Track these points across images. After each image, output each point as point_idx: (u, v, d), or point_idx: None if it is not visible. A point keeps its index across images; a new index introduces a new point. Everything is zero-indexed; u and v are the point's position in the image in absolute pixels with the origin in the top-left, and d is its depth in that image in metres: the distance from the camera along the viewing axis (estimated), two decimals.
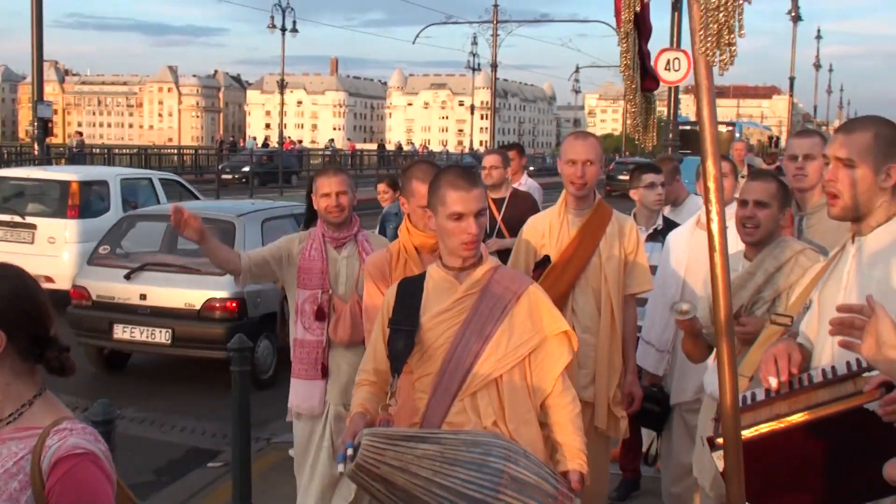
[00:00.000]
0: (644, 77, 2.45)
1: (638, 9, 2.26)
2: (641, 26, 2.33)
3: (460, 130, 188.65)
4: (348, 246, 4.80)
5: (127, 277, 8.67)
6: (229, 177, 35.15)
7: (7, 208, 11.71)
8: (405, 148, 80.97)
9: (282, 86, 45.05)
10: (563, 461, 3.15)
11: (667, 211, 6.35)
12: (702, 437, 3.74)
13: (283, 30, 40.68)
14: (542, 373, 3.22)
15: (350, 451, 2.77)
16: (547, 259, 4.53)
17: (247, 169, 36.36)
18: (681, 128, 33.92)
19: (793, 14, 44.49)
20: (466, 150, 74.92)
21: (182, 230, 4.47)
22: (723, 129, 35.63)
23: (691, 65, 15.88)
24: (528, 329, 3.20)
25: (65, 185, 11.71)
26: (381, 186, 9.16)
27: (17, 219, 11.48)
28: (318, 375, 4.72)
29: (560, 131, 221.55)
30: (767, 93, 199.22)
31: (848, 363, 2.72)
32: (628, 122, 2.66)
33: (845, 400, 2.59)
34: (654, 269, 5.71)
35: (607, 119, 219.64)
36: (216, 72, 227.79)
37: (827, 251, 4.00)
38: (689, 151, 19.19)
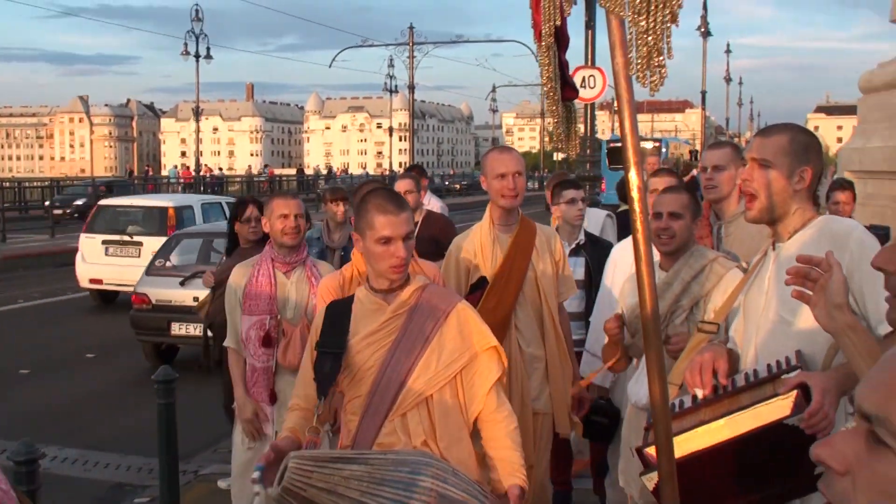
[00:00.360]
0: (564, 87, 2.49)
1: (558, 22, 2.29)
2: (560, 38, 2.36)
3: (379, 153, 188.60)
4: (297, 270, 4.82)
5: (182, 284, 10.37)
6: (60, 212, 31.76)
7: (116, 230, 14.98)
8: (323, 171, 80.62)
9: (197, 113, 44.43)
10: (502, 477, 3.15)
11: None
12: (630, 448, 3.79)
13: (198, 56, 40.19)
14: (473, 389, 3.23)
15: (257, 475, 2.77)
16: (483, 280, 4.55)
17: (81, 202, 33.70)
18: (612, 145, 34.57)
19: (702, 30, 45.55)
20: (387, 172, 74.92)
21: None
22: (651, 144, 37.19)
23: (606, 81, 16.21)
24: (458, 347, 3.20)
25: (163, 210, 14.90)
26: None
27: (126, 238, 14.75)
28: (266, 401, 4.70)
29: (479, 150, 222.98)
30: (680, 107, 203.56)
31: (769, 366, 2.80)
32: (551, 132, 2.71)
33: (764, 402, 2.66)
34: (578, 283, 5.78)
35: (525, 137, 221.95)
36: (129, 101, 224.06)
37: (739, 258, 4.13)
38: (620, 167, 19.59)
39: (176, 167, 69.06)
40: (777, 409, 2.65)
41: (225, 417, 6.71)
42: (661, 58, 1.92)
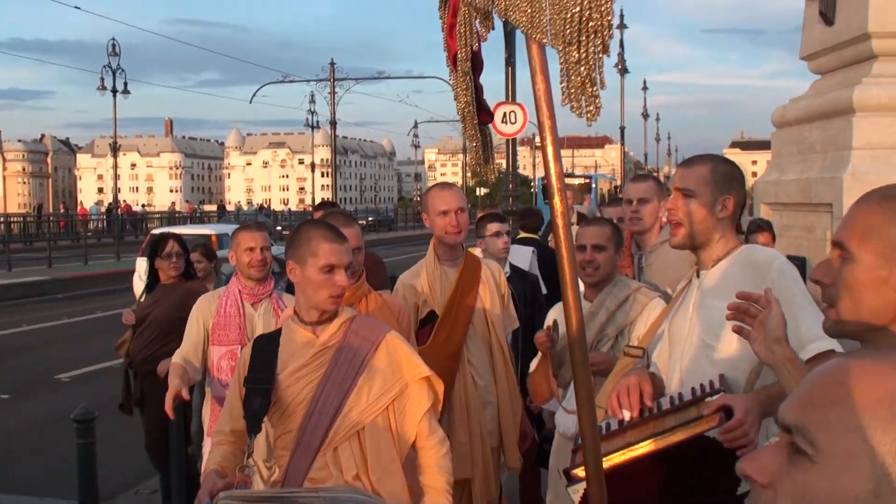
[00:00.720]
0: (479, 112, 2.50)
1: (475, 47, 2.30)
2: (475, 63, 2.37)
3: (301, 188, 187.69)
4: (264, 302, 4.83)
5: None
6: None
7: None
8: (244, 208, 79.91)
9: (114, 148, 43.64)
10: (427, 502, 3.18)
11: None
12: (558, 469, 3.83)
13: (115, 91, 39.58)
14: (405, 420, 3.22)
15: None
16: (433, 314, 4.56)
17: None
18: (547, 181, 35.58)
19: (619, 67, 46.48)
20: (309, 208, 74.49)
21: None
22: (579, 181, 40.31)
23: (527, 117, 16.40)
24: (389, 378, 3.19)
25: (208, 237, 16.27)
26: (195, 256, 7.79)
27: None
28: None
29: (401, 186, 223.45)
30: (600, 142, 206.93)
31: (693, 389, 2.87)
32: (469, 158, 2.71)
33: (689, 425, 2.73)
34: None
35: (447, 172, 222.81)
36: (43, 136, 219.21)
37: (660, 288, 4.22)
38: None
39: (97, 203, 67.93)
40: (700, 428, 2.72)
41: (147, 457, 6.56)
42: (594, 88, 1.93)
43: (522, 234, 8.36)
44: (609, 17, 1.89)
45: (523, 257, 6.89)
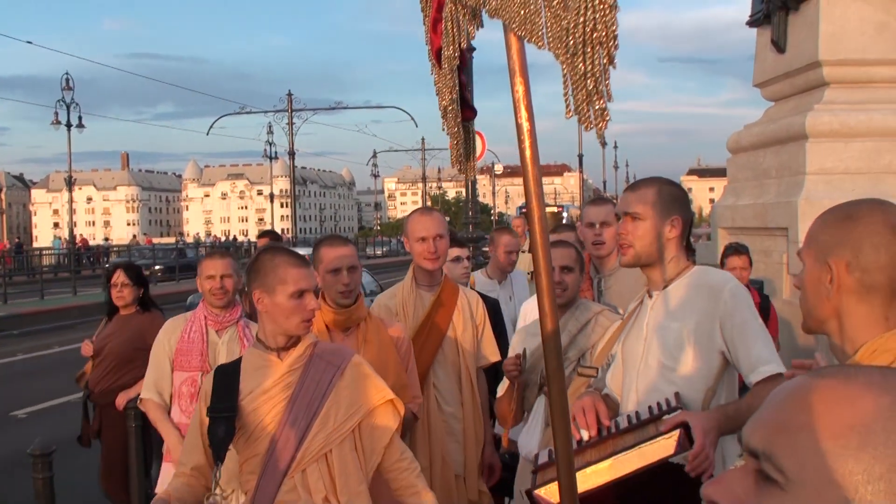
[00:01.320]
0: (463, 108, 2.49)
1: (464, 45, 2.28)
2: (460, 59, 2.36)
3: (261, 219, 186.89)
4: (229, 330, 4.77)
5: None
6: None
7: None
8: (203, 239, 79.33)
9: (69, 183, 43.17)
10: None
11: None
12: (520, 491, 3.84)
13: (69, 126, 39.16)
14: (372, 443, 3.24)
15: None
16: None
17: None
18: (525, 210, 37.21)
19: None
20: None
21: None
22: (554, 209, 45.52)
23: (485, 145, 16.40)
24: (355, 401, 3.21)
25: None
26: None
27: None
28: None
29: (361, 215, 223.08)
30: (559, 170, 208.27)
31: (650, 408, 2.91)
32: (451, 155, 2.69)
33: (648, 442, 2.75)
34: None
35: (407, 202, 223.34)
36: None
37: (619, 311, 4.26)
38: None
39: (59, 238, 67.15)
40: (661, 448, 2.76)
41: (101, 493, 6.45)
42: (602, 101, 1.90)
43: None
44: (614, 28, 1.87)
45: (521, 284, 6.88)
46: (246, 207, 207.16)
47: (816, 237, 2.03)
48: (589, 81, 1.86)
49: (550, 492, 2.83)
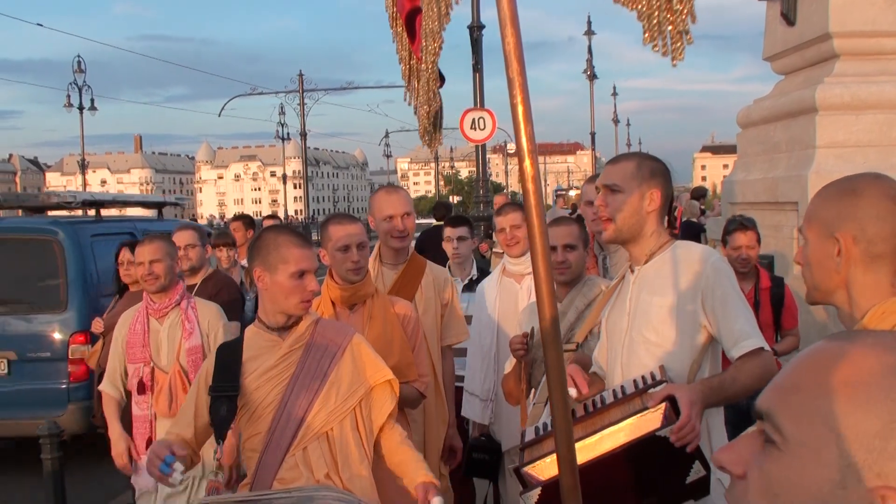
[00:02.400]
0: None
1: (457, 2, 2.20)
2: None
3: (274, 201, 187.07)
4: (171, 315, 4.72)
5: None
6: None
7: None
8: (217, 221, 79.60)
9: (83, 166, 43.32)
10: (409, 480, 3.19)
11: None
12: (509, 468, 3.85)
13: (81, 108, 39.26)
14: (371, 422, 3.26)
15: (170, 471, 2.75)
16: None
17: None
18: (561, 192, 36.79)
19: (588, 73, 46.65)
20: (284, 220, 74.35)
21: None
22: (575, 192, 43.49)
23: (496, 123, 16.38)
24: (355, 380, 3.23)
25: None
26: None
27: None
28: (144, 450, 4.57)
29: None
30: (571, 149, 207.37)
31: (635, 381, 2.93)
32: (419, 126, 2.66)
33: (634, 416, 2.75)
34: (470, 318, 5.80)
35: (420, 182, 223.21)
36: (11, 155, 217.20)
37: None
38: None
39: None
40: (648, 421, 2.77)
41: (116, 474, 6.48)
42: (684, 23, 1.78)
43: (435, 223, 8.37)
44: None
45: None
46: (259, 189, 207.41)
47: (818, 213, 2.10)
48: (675, 2, 1.77)
49: (538, 469, 2.84)
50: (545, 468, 2.82)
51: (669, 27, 1.83)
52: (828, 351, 1.03)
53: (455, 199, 69.79)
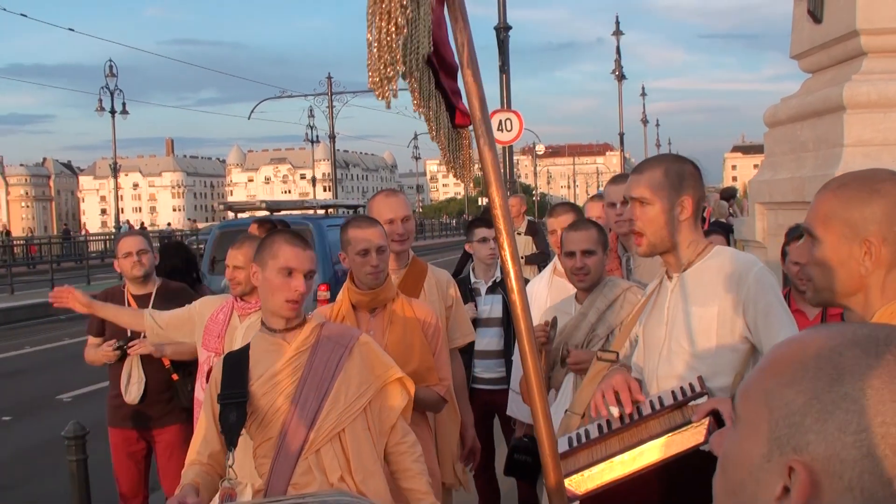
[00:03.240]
0: (453, 114, 2.42)
1: (429, 50, 2.21)
2: (441, 62, 2.29)
3: None
4: (252, 317, 4.69)
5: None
6: None
7: None
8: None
9: (115, 169, 43.76)
10: (408, 486, 3.22)
11: None
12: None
13: (113, 112, 39.64)
14: (381, 421, 3.25)
15: None
16: None
17: None
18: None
19: (617, 74, 46.49)
20: None
21: (66, 305, 4.78)
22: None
23: (523, 124, 16.32)
24: (365, 380, 3.21)
25: None
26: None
27: None
28: None
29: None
30: (601, 150, 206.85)
31: (673, 392, 2.83)
32: (443, 160, 2.64)
33: (677, 430, 2.68)
34: (495, 321, 5.78)
35: (449, 184, 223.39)
36: (45, 159, 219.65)
37: None
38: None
39: (127, 222, 68.64)
40: (691, 436, 2.68)
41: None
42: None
43: None
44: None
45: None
46: (289, 191, 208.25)
47: (839, 213, 2.03)
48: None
49: (575, 482, 2.77)
50: (581, 482, 2.77)
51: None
52: (794, 338, 1.07)
53: (484, 201, 69.66)
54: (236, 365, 3.21)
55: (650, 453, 2.71)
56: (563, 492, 2.26)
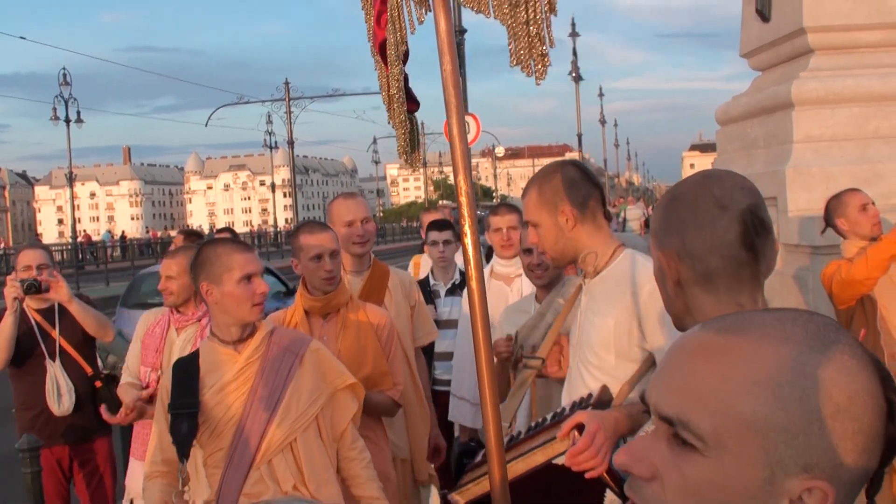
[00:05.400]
0: (408, 99, 2.49)
1: (412, 31, 2.28)
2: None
3: (264, 210, 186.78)
4: (188, 329, 4.66)
5: None
6: None
7: None
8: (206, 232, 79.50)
9: (70, 179, 43.23)
10: (360, 493, 3.22)
11: None
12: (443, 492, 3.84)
13: (68, 121, 39.18)
14: (333, 428, 3.24)
15: None
16: None
17: None
18: None
19: (574, 75, 46.75)
20: (271, 229, 74.22)
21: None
22: None
23: (480, 127, 16.36)
24: (316, 388, 3.20)
25: None
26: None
27: None
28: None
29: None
30: (560, 151, 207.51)
31: (573, 402, 2.82)
32: (397, 146, 2.68)
33: (547, 444, 2.66)
34: (454, 322, 5.80)
35: (410, 188, 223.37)
36: (0, 169, 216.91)
37: None
38: None
39: (109, 231, 67.95)
40: (555, 449, 2.64)
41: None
42: (543, 46, 1.92)
43: None
44: None
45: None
46: (249, 198, 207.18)
47: (651, 226, 1.83)
48: (531, 27, 1.89)
49: (465, 493, 2.81)
50: (465, 493, 2.78)
51: (533, 50, 1.95)
52: (718, 347, 1.02)
53: (442, 203, 69.81)
54: (186, 374, 3.18)
55: (514, 468, 2.66)
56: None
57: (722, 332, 1.04)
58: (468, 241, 2.23)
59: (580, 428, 2.55)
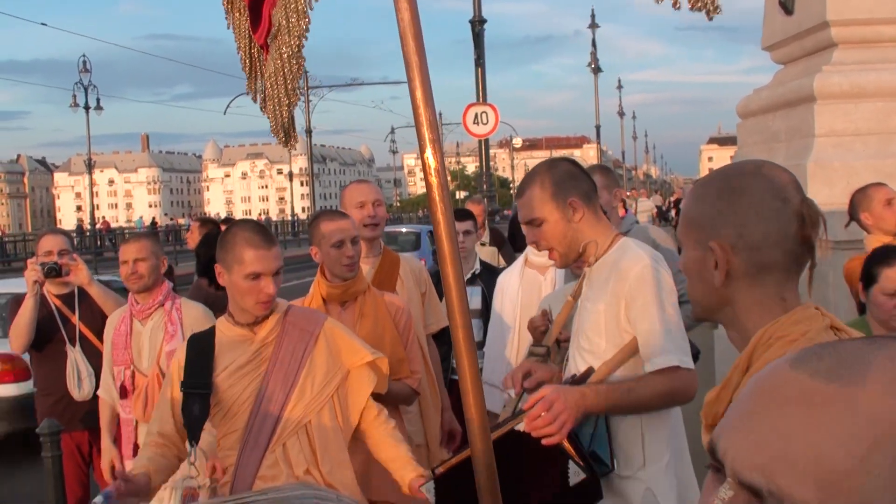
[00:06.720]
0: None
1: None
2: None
3: (281, 198, 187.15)
4: (154, 316, 4.61)
5: None
6: None
7: None
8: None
9: (89, 166, 43.49)
10: (399, 476, 3.17)
11: None
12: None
13: (87, 108, 39.37)
14: (348, 407, 3.23)
15: (100, 499, 2.70)
16: None
17: None
18: None
19: (592, 66, 46.60)
20: (289, 218, 74.38)
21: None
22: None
23: (499, 118, 16.30)
24: (331, 368, 3.19)
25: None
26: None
27: None
28: (130, 455, 4.51)
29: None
30: (578, 142, 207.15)
31: (566, 381, 2.89)
32: (270, 127, 2.65)
33: (512, 420, 2.75)
34: (474, 312, 5.80)
35: None
36: (19, 156, 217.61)
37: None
38: None
39: (141, 217, 68.19)
40: (519, 422, 2.73)
41: None
42: None
43: None
44: None
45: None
46: (266, 186, 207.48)
47: (692, 215, 1.76)
48: None
49: (444, 465, 2.90)
50: (447, 464, 2.86)
51: None
52: (829, 398, 0.77)
53: (462, 195, 69.68)
54: (201, 352, 3.16)
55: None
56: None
57: (830, 377, 0.78)
58: (442, 231, 1.99)
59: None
